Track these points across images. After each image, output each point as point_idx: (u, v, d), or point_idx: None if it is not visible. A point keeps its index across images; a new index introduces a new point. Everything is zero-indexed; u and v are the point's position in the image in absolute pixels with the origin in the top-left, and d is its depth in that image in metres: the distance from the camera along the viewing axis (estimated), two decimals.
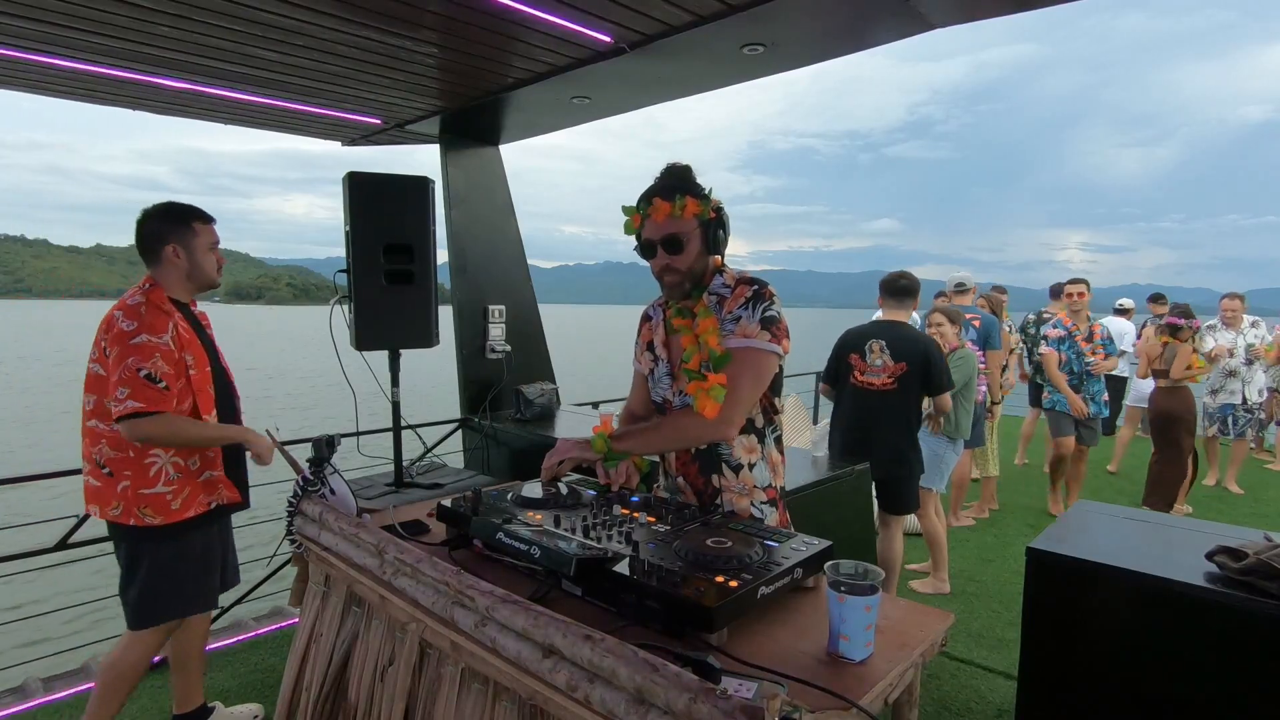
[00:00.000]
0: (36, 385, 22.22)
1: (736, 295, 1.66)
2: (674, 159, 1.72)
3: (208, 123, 4.04)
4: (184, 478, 2.16)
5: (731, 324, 1.63)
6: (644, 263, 1.72)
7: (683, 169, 1.71)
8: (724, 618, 1.10)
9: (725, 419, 1.58)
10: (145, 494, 2.09)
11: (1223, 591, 1.66)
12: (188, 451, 2.17)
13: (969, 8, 2.40)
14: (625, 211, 1.71)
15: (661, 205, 1.63)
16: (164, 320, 2.11)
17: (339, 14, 2.43)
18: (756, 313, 1.62)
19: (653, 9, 2.38)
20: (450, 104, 3.49)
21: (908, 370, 3.22)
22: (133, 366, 2.01)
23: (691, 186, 1.66)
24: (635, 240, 1.72)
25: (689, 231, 1.64)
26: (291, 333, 58.58)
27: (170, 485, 2.12)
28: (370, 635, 1.46)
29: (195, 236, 2.25)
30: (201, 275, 2.28)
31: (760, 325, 1.61)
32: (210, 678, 2.91)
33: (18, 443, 13.69)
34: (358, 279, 3.17)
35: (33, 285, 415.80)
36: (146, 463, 2.09)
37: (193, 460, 2.18)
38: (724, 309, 1.66)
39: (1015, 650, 2.08)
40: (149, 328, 2.06)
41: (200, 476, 2.20)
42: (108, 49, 2.74)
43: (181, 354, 2.13)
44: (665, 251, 1.65)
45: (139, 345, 2.03)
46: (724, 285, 1.70)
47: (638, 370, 1.91)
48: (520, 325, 4.16)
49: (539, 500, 1.56)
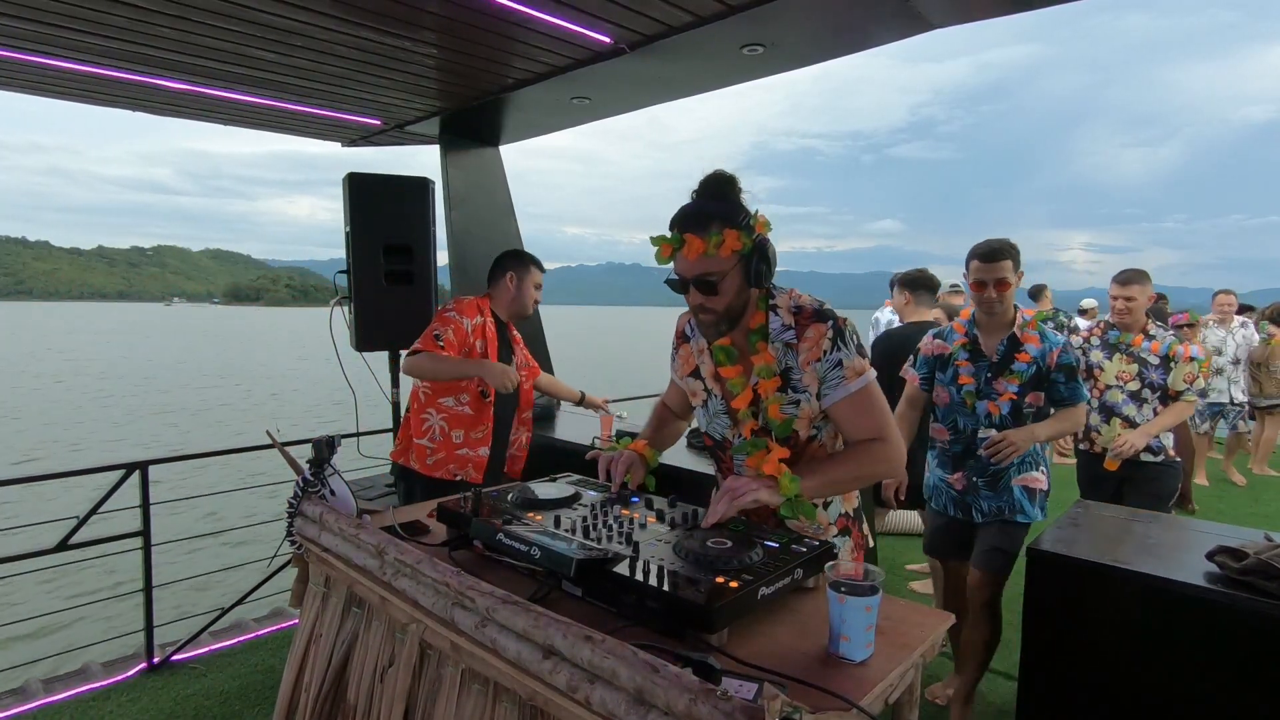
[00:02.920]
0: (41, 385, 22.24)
1: (813, 340, 1.48)
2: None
3: (209, 124, 4.04)
4: (443, 441, 2.61)
5: (834, 370, 1.47)
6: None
7: (723, 183, 1.48)
8: (724, 618, 1.10)
9: (901, 445, 1.49)
10: (417, 443, 2.62)
11: (1223, 591, 1.66)
12: (455, 423, 2.61)
13: (968, 8, 2.40)
14: (654, 242, 1.50)
15: (694, 243, 1.42)
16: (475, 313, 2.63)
17: (338, 14, 2.42)
18: (851, 346, 1.47)
19: (653, 9, 2.38)
20: (450, 104, 3.49)
21: None
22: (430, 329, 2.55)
23: (733, 213, 1.44)
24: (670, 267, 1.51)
25: (726, 270, 1.44)
26: (289, 334, 58.60)
27: (433, 443, 2.60)
28: (370, 636, 1.46)
29: (529, 274, 2.76)
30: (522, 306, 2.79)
31: (860, 355, 1.48)
32: (210, 678, 2.91)
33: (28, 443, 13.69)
34: (358, 280, 3.17)
35: (34, 287, 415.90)
36: (422, 418, 2.61)
37: (457, 432, 2.62)
38: (800, 357, 1.49)
39: (1015, 650, 2.08)
40: (461, 309, 2.60)
41: (458, 450, 2.62)
42: (107, 50, 2.74)
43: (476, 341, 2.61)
44: (699, 291, 1.48)
45: (443, 315, 2.59)
46: (785, 328, 1.51)
47: (675, 380, 1.78)
48: (521, 326, 4.16)
49: (539, 501, 1.56)
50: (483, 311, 2.67)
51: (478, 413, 2.65)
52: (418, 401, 2.65)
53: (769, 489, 1.40)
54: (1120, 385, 3.08)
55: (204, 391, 20.72)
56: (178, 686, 2.85)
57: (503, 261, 2.77)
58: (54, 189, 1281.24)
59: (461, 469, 2.63)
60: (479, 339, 2.61)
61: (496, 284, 2.75)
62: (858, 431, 1.49)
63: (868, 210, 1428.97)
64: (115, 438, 13.64)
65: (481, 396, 2.64)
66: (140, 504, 3.01)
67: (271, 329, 68.91)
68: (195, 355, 32.81)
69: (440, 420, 2.61)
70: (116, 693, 2.80)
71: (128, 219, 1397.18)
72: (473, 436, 2.65)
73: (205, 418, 16.23)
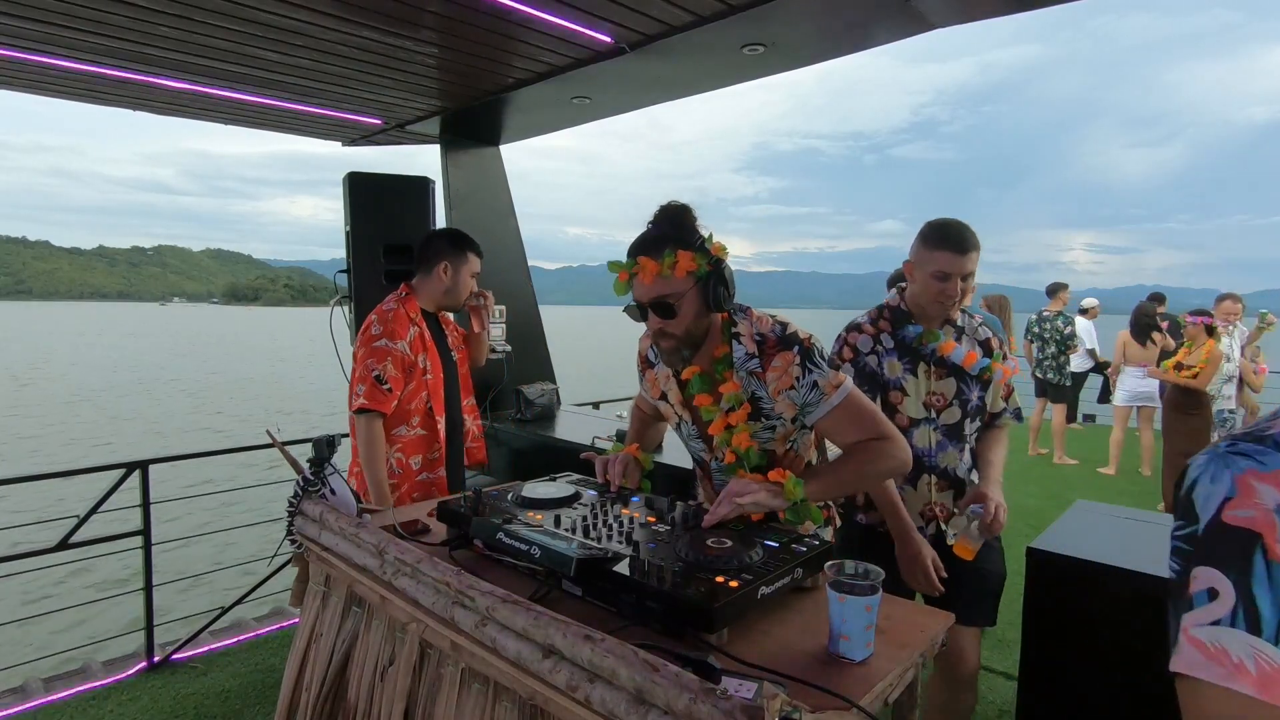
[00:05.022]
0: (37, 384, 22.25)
1: (781, 369, 1.47)
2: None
3: (213, 125, 4.04)
4: (404, 474, 2.40)
5: (812, 392, 1.47)
6: None
7: (676, 211, 1.48)
8: (724, 618, 1.10)
9: (901, 440, 1.49)
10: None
11: None
12: (411, 450, 2.40)
13: (969, 8, 2.40)
14: (611, 268, 1.49)
15: (648, 265, 1.42)
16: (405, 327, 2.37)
17: (339, 14, 2.42)
18: (823, 363, 1.48)
19: (653, 9, 2.38)
20: (450, 104, 3.49)
21: None
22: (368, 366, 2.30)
23: (686, 235, 1.44)
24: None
25: (682, 292, 1.44)
26: (288, 334, 58.66)
27: (393, 479, 2.37)
28: (370, 635, 1.46)
29: (466, 263, 2.49)
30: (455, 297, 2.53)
31: (832, 368, 1.50)
32: (211, 678, 2.91)
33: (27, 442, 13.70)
34: (358, 279, 3.17)
35: (34, 286, 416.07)
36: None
37: (415, 459, 2.41)
38: (770, 387, 1.49)
39: (1015, 650, 2.08)
40: (390, 334, 2.32)
41: (419, 476, 2.43)
42: (108, 49, 2.74)
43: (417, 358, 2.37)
44: (656, 315, 1.47)
45: (373, 348, 2.30)
46: (749, 356, 1.50)
47: (647, 399, 1.79)
48: (521, 325, 4.16)
49: (539, 500, 1.56)
50: (413, 318, 2.40)
51: (430, 431, 2.45)
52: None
53: (772, 492, 1.40)
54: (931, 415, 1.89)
55: (205, 390, 20.76)
56: (178, 685, 2.85)
57: (435, 247, 2.47)
58: (58, 189, 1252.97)
59: (426, 496, 2.42)
60: (419, 353, 2.38)
61: (427, 273, 2.46)
62: (853, 439, 1.50)
63: (870, 211, 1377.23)
64: (102, 439, 13.64)
65: (428, 413, 2.43)
66: (141, 503, 3.02)
67: (268, 329, 68.94)
68: (193, 355, 32.90)
69: (396, 453, 2.38)
70: (116, 692, 2.80)
71: (131, 219, 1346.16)
72: (430, 458, 2.45)
73: (204, 417, 16.25)
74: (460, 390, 2.61)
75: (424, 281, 2.47)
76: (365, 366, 2.28)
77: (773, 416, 1.53)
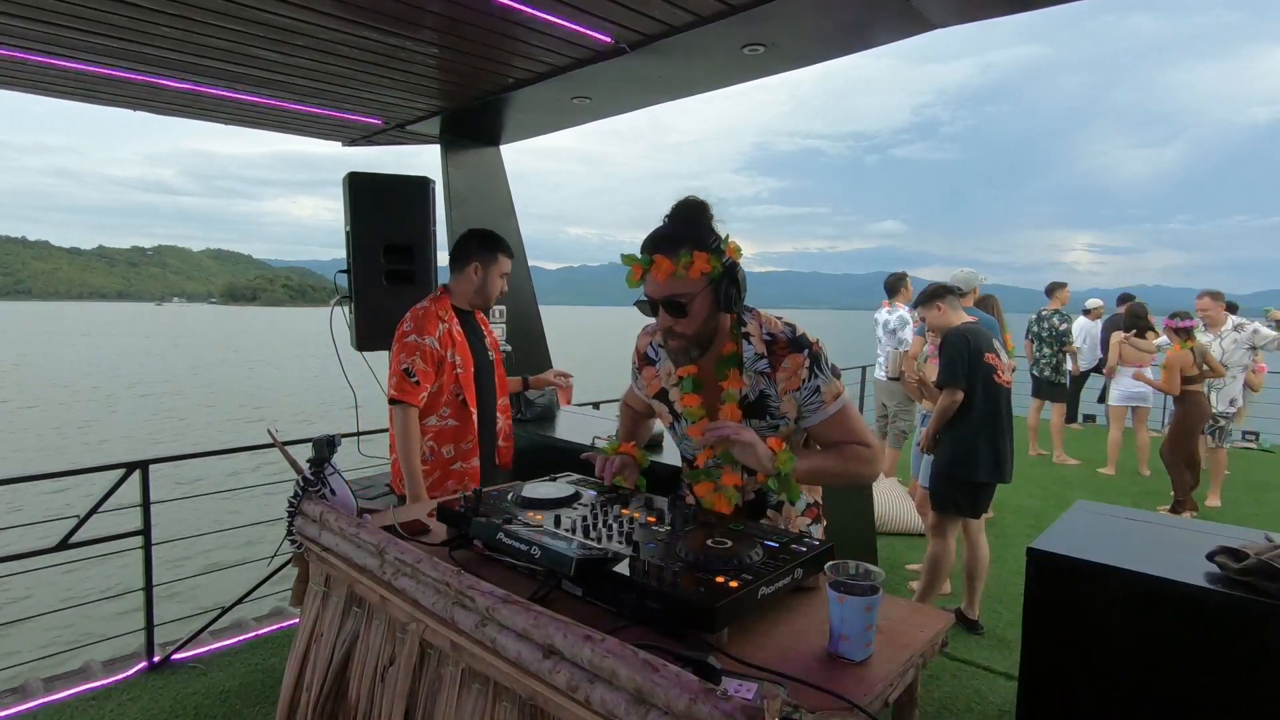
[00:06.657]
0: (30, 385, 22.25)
1: (791, 370, 1.49)
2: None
3: (212, 124, 4.04)
4: (435, 461, 2.51)
5: (813, 396, 1.50)
6: None
7: (694, 208, 1.49)
8: (724, 618, 1.10)
9: (880, 452, 1.60)
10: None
11: (1223, 592, 1.66)
12: (443, 439, 2.52)
13: (969, 8, 2.40)
14: (625, 261, 1.48)
15: (663, 263, 1.42)
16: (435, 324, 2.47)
17: (339, 14, 2.42)
18: (827, 371, 1.51)
19: (653, 9, 2.38)
20: (450, 104, 3.49)
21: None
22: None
23: (702, 236, 1.45)
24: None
25: (695, 292, 1.44)
26: (286, 334, 58.61)
27: (427, 465, 2.49)
28: (370, 635, 1.46)
29: (495, 264, 2.59)
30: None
31: (835, 377, 1.53)
32: (211, 678, 2.91)
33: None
34: (358, 279, 3.16)
35: (33, 286, 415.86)
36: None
37: (447, 448, 2.52)
38: (779, 386, 1.51)
39: (1016, 650, 2.08)
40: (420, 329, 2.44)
41: (452, 465, 2.53)
42: (109, 49, 2.74)
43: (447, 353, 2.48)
44: (667, 313, 1.47)
45: (404, 343, 2.43)
46: (759, 357, 1.52)
47: (639, 395, 1.79)
48: (521, 325, 4.16)
49: (539, 500, 1.56)
50: (442, 316, 2.51)
51: (462, 422, 2.55)
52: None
53: (767, 455, 1.45)
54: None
55: (202, 391, 20.74)
56: (178, 685, 2.85)
57: (466, 247, 2.59)
58: (58, 189, 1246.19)
59: (460, 484, 2.54)
60: (448, 349, 2.48)
61: (460, 273, 2.59)
62: (840, 442, 1.57)
63: (871, 211, 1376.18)
64: (100, 439, 13.64)
65: (461, 404, 2.53)
66: (141, 503, 3.02)
67: (271, 328, 68.84)
68: (189, 356, 32.86)
69: (429, 441, 2.51)
70: (117, 692, 2.80)
71: (131, 219, 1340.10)
72: (463, 448, 2.56)
73: (204, 418, 16.24)
74: (496, 388, 2.74)
75: (457, 281, 2.61)
76: (397, 361, 2.43)
77: (777, 416, 1.54)
